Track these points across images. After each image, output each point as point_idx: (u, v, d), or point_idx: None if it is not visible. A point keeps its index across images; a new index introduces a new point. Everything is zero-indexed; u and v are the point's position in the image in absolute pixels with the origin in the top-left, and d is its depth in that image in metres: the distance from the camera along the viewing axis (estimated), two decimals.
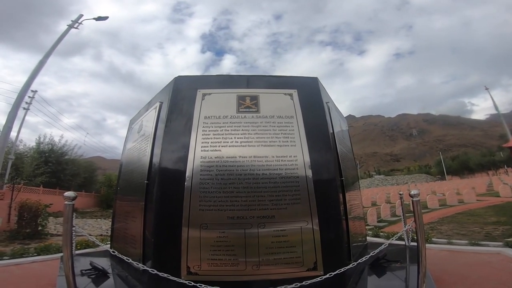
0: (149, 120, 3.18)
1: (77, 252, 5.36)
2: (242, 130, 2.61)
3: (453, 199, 15.86)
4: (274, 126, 2.68)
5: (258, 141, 2.57)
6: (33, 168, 17.81)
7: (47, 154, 20.79)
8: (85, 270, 2.96)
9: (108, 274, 2.93)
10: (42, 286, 3.58)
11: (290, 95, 2.89)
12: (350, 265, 2.29)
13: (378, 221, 11.86)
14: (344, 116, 4.41)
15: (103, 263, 3.21)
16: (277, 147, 2.58)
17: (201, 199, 2.34)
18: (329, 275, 2.12)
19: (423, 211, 12.70)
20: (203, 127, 2.61)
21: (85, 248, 5.85)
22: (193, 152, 2.49)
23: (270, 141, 2.59)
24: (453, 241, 6.74)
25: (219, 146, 2.52)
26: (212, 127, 2.61)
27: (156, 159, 2.67)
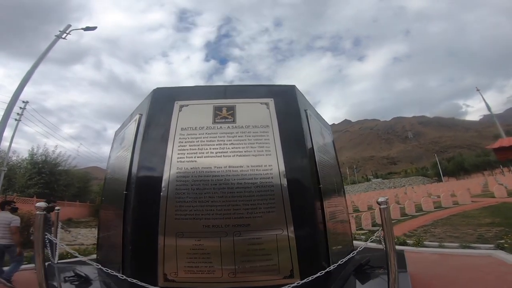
0: (129, 132, 3.22)
1: (67, 260, 5.32)
2: (218, 140, 2.66)
3: (448, 201, 15.92)
4: (250, 136, 2.72)
5: (234, 151, 2.62)
6: (26, 179, 17.70)
7: (40, 165, 20.66)
8: (68, 277, 2.99)
9: (91, 281, 2.95)
10: None
11: (267, 104, 2.94)
12: (326, 271, 2.32)
13: (373, 225, 11.87)
14: (340, 121, 4.55)
15: (90, 271, 3.22)
16: (252, 157, 2.62)
17: (177, 208, 2.39)
18: (307, 279, 2.15)
19: (418, 213, 12.66)
20: (180, 138, 2.66)
21: (76, 257, 5.81)
22: (169, 163, 2.53)
23: (245, 151, 2.64)
24: (445, 244, 6.77)
25: (194, 157, 2.57)
26: (188, 138, 2.66)
27: (134, 170, 2.72)
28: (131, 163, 2.84)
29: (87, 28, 9.29)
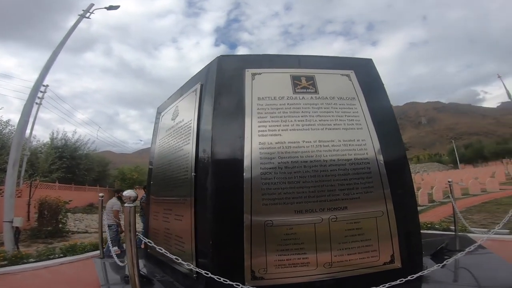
0: (187, 106, 2.90)
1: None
2: (302, 112, 2.32)
3: (476, 188, 15.39)
4: (337, 108, 2.39)
5: (322, 124, 2.29)
6: (48, 164, 17.79)
7: (60, 150, 20.81)
8: (127, 276, 2.68)
9: (152, 281, 2.60)
10: None
11: (348, 76, 2.62)
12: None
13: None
14: None
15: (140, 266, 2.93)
16: (343, 131, 2.30)
17: (264, 191, 2.06)
18: (427, 270, 1.84)
19: (444, 200, 12.23)
20: (258, 109, 2.31)
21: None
22: (249, 137, 2.19)
23: (334, 124, 2.31)
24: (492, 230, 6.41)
25: (278, 130, 2.23)
26: (268, 109, 2.31)
27: (204, 148, 2.37)
28: (197, 139, 2.51)
29: (110, 7, 8.91)
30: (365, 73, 2.72)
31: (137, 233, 1.74)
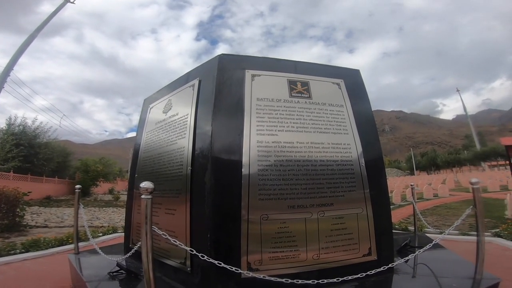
0: (183, 100, 2.96)
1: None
2: (297, 115, 2.51)
3: (429, 193, 16.79)
4: (327, 113, 2.62)
5: (314, 127, 2.50)
6: (5, 151, 16.21)
7: (18, 137, 19.03)
8: (113, 272, 2.67)
9: (139, 277, 2.58)
10: None
11: (338, 84, 2.86)
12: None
13: None
14: None
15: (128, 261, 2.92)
16: (332, 134, 2.54)
17: (261, 187, 2.22)
18: (392, 264, 2.12)
19: (403, 203, 13.12)
20: (257, 109, 2.46)
21: (83, 241, 5.30)
22: (248, 136, 2.33)
23: (324, 128, 2.54)
24: (444, 231, 7.13)
25: (275, 130, 2.40)
26: (266, 110, 2.47)
27: (203, 143, 2.46)
28: (194, 133, 2.59)
29: None
30: (352, 82, 2.97)
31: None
